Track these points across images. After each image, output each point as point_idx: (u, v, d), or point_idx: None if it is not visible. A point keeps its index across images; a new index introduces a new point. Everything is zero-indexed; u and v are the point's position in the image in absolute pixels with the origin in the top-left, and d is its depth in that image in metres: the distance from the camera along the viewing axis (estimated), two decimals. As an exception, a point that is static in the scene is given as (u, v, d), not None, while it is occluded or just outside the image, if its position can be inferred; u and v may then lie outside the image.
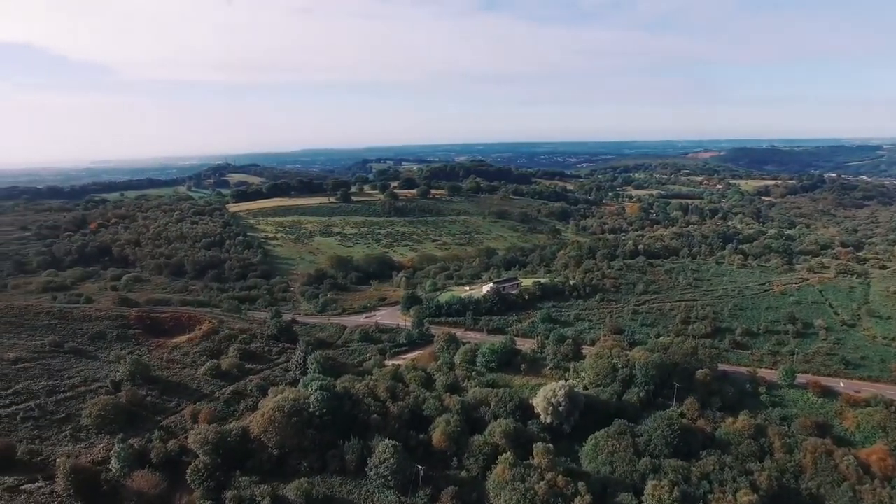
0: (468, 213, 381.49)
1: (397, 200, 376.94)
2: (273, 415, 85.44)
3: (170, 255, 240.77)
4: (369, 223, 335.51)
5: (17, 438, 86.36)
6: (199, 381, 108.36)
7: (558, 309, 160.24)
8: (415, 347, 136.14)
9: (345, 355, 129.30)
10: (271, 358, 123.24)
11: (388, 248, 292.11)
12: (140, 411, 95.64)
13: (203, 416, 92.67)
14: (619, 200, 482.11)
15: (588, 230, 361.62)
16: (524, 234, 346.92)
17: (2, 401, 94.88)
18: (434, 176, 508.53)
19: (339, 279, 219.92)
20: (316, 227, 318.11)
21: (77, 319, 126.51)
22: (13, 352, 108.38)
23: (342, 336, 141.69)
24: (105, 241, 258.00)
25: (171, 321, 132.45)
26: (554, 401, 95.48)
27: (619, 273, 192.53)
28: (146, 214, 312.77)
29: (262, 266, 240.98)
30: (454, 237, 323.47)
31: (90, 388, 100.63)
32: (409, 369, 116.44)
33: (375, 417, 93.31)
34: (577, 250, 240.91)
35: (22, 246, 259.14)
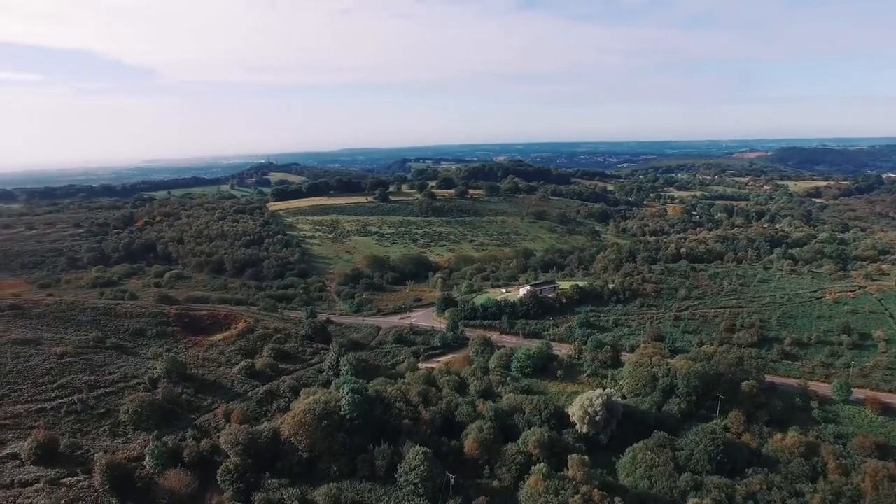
0: (506, 213, 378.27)
1: (435, 200, 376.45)
2: (304, 417, 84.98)
3: (210, 253, 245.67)
4: (406, 223, 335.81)
5: (59, 431, 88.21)
6: (234, 380, 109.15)
7: (597, 314, 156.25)
8: (449, 351, 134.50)
9: (378, 357, 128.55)
10: (305, 358, 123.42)
11: (424, 248, 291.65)
12: (175, 409, 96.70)
13: (235, 416, 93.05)
14: (660, 202, 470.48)
15: (628, 232, 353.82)
16: (562, 235, 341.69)
17: (48, 394, 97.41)
18: (472, 176, 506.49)
19: (375, 279, 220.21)
20: (353, 227, 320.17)
21: (119, 316, 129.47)
22: (60, 346, 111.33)
23: (376, 337, 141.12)
24: (150, 239, 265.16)
25: (209, 319, 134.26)
26: (591, 410, 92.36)
27: (660, 277, 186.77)
28: (189, 212, 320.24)
29: (300, 265, 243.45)
30: (491, 238, 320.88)
31: (129, 384, 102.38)
32: (443, 373, 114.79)
33: (407, 422, 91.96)
34: (616, 253, 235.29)
35: (75, 242, 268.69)
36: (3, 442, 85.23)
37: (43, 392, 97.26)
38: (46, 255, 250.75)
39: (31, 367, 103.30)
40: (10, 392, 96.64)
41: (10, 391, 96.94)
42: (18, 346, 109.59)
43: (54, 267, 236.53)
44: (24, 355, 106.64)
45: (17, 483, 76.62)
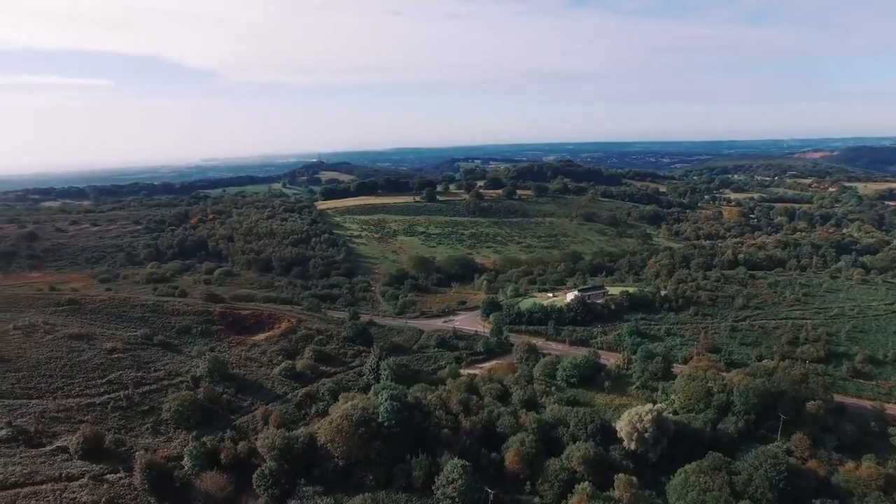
0: (554, 214, 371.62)
1: (482, 200, 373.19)
2: (341, 423, 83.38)
3: (259, 251, 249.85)
4: (453, 223, 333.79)
5: (105, 427, 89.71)
6: (274, 381, 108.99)
7: (647, 322, 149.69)
8: (492, 356, 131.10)
9: (419, 361, 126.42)
10: (346, 361, 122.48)
11: (471, 249, 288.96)
12: (216, 409, 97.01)
13: (273, 419, 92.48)
14: (715, 204, 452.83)
15: (681, 236, 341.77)
16: (612, 238, 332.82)
17: (97, 388, 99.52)
18: (521, 176, 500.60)
19: (420, 280, 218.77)
20: (400, 226, 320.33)
21: (167, 313, 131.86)
22: (111, 342, 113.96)
23: (418, 341, 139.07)
24: (202, 236, 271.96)
25: (252, 318, 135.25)
26: (640, 426, 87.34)
27: (715, 285, 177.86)
28: (240, 211, 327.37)
29: (346, 264, 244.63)
30: (539, 240, 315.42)
31: (173, 381, 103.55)
32: (485, 381, 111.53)
33: (446, 432, 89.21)
34: (669, 258, 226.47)
35: (133, 238, 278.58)
36: (56, 434, 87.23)
37: (92, 387, 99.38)
38: (108, 250, 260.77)
39: (83, 361, 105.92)
40: (63, 385, 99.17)
41: (64, 384, 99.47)
42: (73, 341, 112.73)
43: (114, 262, 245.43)
44: (77, 349, 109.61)
45: (64, 476, 77.96)
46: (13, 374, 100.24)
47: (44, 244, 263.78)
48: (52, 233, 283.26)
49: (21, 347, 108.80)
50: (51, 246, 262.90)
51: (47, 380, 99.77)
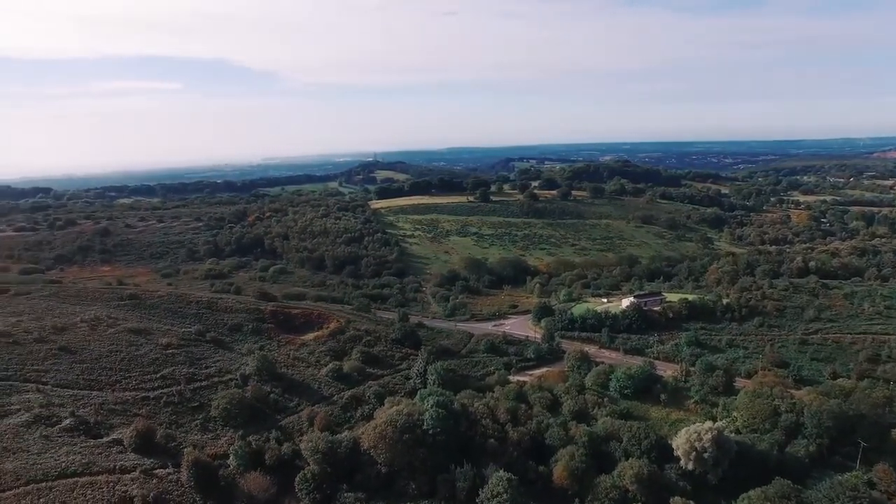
0: (610, 216, 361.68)
1: (537, 201, 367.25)
2: (385, 429, 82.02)
3: (312, 249, 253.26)
4: (506, 224, 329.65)
5: (157, 421, 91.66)
6: (321, 382, 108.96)
7: (707, 332, 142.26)
8: (543, 363, 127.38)
9: (468, 366, 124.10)
10: (393, 363, 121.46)
11: (524, 250, 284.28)
12: (262, 408, 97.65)
13: (318, 421, 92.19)
14: (783, 207, 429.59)
15: (745, 240, 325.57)
16: (671, 241, 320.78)
17: (152, 383, 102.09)
18: (576, 176, 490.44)
19: (472, 282, 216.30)
20: (453, 227, 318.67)
21: (220, 310, 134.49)
22: (166, 337, 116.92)
23: (467, 345, 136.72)
24: (259, 234, 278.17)
25: (302, 318, 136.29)
26: (698, 444, 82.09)
27: (783, 294, 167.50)
28: (296, 209, 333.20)
29: (397, 264, 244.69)
30: (594, 242, 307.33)
31: (223, 379, 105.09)
32: (535, 389, 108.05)
33: (492, 442, 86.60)
34: (732, 264, 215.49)
35: (195, 235, 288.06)
36: (112, 426, 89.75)
37: (148, 381, 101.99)
38: (171, 246, 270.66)
39: (140, 355, 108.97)
40: (121, 378, 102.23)
41: (122, 377, 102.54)
42: (132, 335, 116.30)
43: (176, 258, 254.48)
44: (135, 344, 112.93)
45: (118, 469, 79.73)
46: (78, 366, 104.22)
47: (115, 239, 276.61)
48: (122, 229, 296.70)
49: (86, 340, 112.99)
50: (121, 241, 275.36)
51: (107, 372, 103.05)
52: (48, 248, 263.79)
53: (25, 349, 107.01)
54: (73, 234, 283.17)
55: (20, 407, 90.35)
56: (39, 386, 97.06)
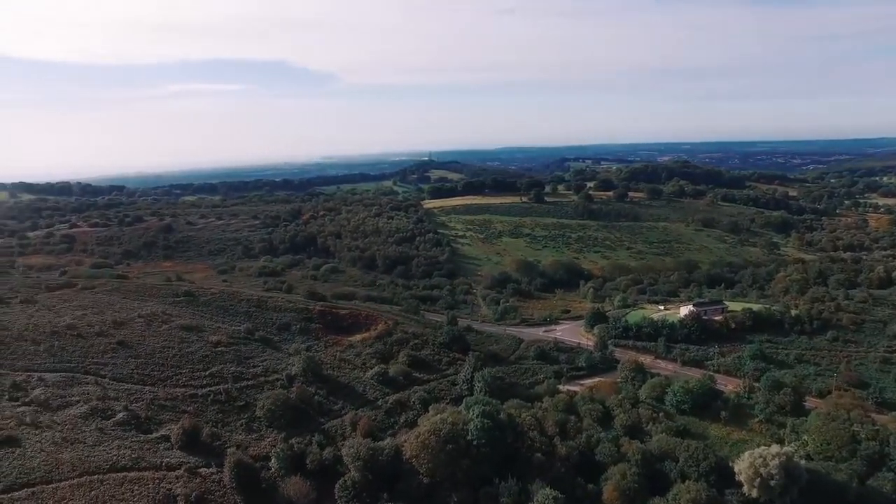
0: (668, 219, 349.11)
1: (592, 202, 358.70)
2: (427, 438, 79.85)
3: (364, 249, 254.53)
4: (560, 225, 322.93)
5: (204, 420, 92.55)
6: (366, 385, 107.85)
7: (774, 345, 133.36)
8: (594, 373, 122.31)
9: (516, 374, 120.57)
10: (440, 368, 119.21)
11: (577, 253, 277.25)
12: (307, 410, 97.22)
13: (361, 426, 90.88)
14: (859, 210, 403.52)
15: (815, 246, 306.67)
16: (733, 246, 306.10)
17: (200, 381, 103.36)
18: (633, 177, 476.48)
19: (523, 285, 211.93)
20: (505, 228, 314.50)
21: (270, 309, 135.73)
22: (216, 335, 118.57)
23: (517, 351, 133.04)
24: (312, 232, 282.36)
25: (350, 318, 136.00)
26: (764, 470, 76.04)
27: (861, 306, 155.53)
28: (350, 208, 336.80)
29: (448, 265, 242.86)
30: (651, 246, 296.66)
31: (269, 378, 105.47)
32: (585, 400, 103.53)
33: (539, 456, 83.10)
34: (801, 272, 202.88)
35: (251, 233, 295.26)
36: (161, 422, 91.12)
37: (197, 378, 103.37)
38: (228, 243, 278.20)
39: (191, 352, 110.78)
40: (172, 375, 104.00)
41: (173, 374, 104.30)
42: (184, 332, 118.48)
43: (232, 254, 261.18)
44: (187, 340, 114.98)
45: (164, 466, 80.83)
46: (133, 360, 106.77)
47: (176, 236, 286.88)
48: (184, 226, 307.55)
49: (142, 335, 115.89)
50: (182, 238, 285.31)
51: (160, 368, 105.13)
52: (117, 243, 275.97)
53: (87, 342, 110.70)
54: (140, 230, 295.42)
55: (80, 398, 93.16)
56: (98, 379, 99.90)
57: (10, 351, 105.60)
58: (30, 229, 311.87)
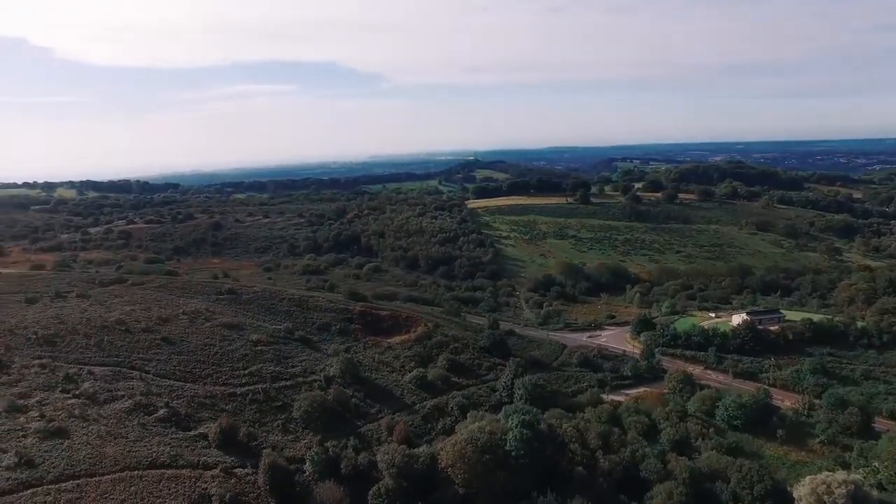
0: (720, 221, 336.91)
1: (639, 204, 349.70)
2: (464, 447, 77.41)
3: (407, 248, 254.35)
4: (607, 227, 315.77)
5: (242, 419, 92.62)
6: (403, 388, 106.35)
7: (837, 359, 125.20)
8: (640, 383, 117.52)
9: (558, 381, 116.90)
10: (479, 373, 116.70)
11: (624, 256, 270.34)
12: (343, 412, 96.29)
13: (398, 431, 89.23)
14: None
15: (883, 252, 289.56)
16: (790, 251, 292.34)
17: (240, 379, 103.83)
18: (683, 178, 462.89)
19: (567, 288, 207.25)
20: (550, 229, 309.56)
21: (310, 309, 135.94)
22: (256, 334, 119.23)
23: (559, 357, 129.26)
24: (356, 231, 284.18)
25: (390, 319, 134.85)
26: (828, 499, 70.27)
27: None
28: (394, 207, 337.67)
29: (491, 266, 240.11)
30: (701, 249, 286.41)
31: (307, 379, 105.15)
32: (630, 411, 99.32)
33: (580, 470, 79.67)
34: (868, 280, 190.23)
35: (296, 231, 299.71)
36: (200, 420, 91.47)
37: (236, 377, 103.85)
38: (274, 241, 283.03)
39: (231, 350, 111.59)
40: (212, 372, 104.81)
41: (213, 371, 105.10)
42: (226, 330, 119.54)
43: (278, 252, 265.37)
44: (228, 339, 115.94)
45: (201, 464, 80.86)
46: (176, 357, 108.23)
47: (225, 233, 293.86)
48: (232, 223, 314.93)
49: (185, 332, 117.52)
50: (230, 235, 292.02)
51: (201, 365, 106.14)
52: (169, 239, 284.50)
53: (134, 338, 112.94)
54: (191, 227, 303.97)
55: (125, 393, 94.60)
56: (142, 374, 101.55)
57: (65, 343, 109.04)
58: (91, 225, 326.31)
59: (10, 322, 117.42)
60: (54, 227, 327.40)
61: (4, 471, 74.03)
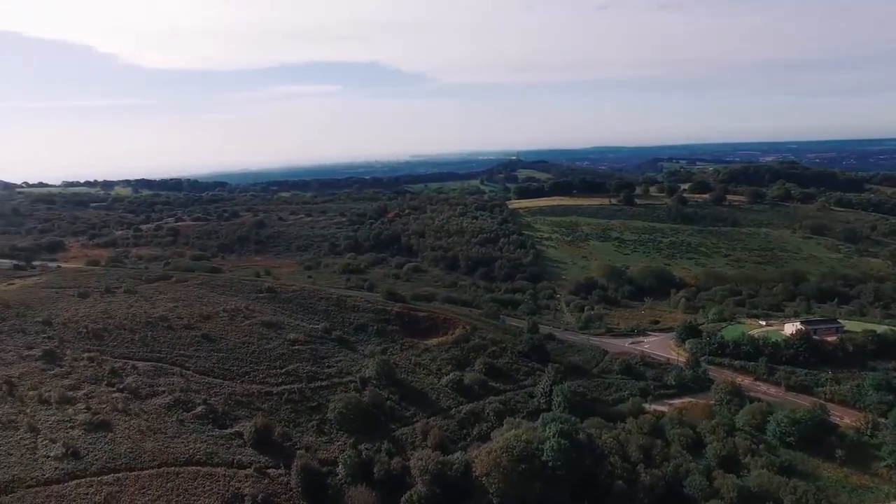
0: (772, 224, 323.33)
1: (686, 206, 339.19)
2: (499, 456, 75.39)
3: (447, 249, 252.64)
4: (651, 229, 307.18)
5: (277, 419, 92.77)
6: (439, 392, 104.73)
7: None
8: (685, 393, 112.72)
9: (598, 389, 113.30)
10: (517, 378, 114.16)
11: (668, 259, 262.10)
12: (378, 415, 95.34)
13: (432, 436, 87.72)
14: None
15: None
16: (849, 256, 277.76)
17: (276, 378, 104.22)
18: (732, 179, 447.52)
19: (610, 292, 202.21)
20: (593, 230, 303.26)
21: (348, 309, 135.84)
22: (294, 333, 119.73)
23: (600, 363, 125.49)
24: (396, 231, 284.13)
25: (428, 321, 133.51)
26: (889, 526, 65.55)
27: None
28: (434, 207, 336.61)
29: (532, 268, 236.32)
30: (751, 253, 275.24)
31: (342, 380, 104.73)
32: (674, 423, 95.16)
33: (620, 484, 76.52)
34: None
35: (338, 230, 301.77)
36: (237, 419, 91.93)
37: (273, 376, 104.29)
38: (315, 239, 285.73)
39: (269, 349, 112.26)
40: (250, 371, 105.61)
41: (251, 370, 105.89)
42: (265, 328, 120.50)
43: (319, 251, 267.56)
44: (266, 337, 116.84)
45: (235, 463, 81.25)
46: (215, 355, 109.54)
47: (268, 231, 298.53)
48: (275, 221, 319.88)
49: (225, 330, 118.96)
50: (273, 233, 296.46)
51: (239, 363, 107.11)
52: (214, 237, 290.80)
53: (176, 334, 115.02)
54: (235, 225, 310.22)
55: (165, 389, 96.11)
56: (182, 370, 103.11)
57: (112, 338, 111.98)
58: (143, 222, 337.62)
59: (65, 315, 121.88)
60: (109, 223, 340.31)
61: (53, 461, 76.73)
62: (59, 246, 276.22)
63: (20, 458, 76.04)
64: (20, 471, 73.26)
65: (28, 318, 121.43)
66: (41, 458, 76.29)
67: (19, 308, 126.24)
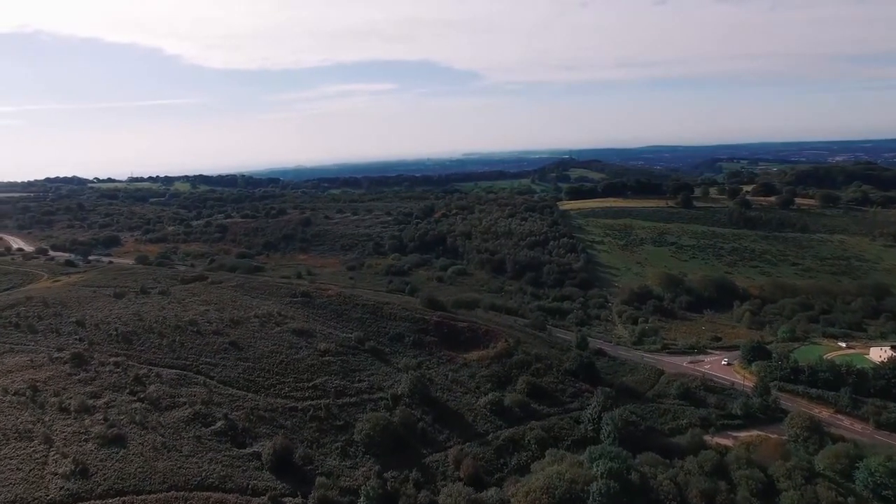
0: (846, 231, 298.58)
1: (749, 209, 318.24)
2: (539, 497, 66.65)
3: (494, 251, 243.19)
4: (711, 234, 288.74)
5: (299, 438, 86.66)
6: (476, 414, 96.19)
7: None
8: (753, 424, 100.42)
9: (653, 415, 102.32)
10: (563, 400, 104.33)
11: (731, 267, 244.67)
12: (409, 438, 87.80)
13: (465, 466, 79.39)
14: None
15: None
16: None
17: (302, 392, 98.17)
18: (800, 180, 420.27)
19: (666, 302, 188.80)
20: (648, 234, 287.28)
21: (384, 317, 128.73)
22: (325, 342, 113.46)
23: (655, 386, 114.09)
24: (442, 231, 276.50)
25: (468, 332, 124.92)
26: None
27: None
28: (483, 207, 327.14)
29: (582, 273, 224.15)
30: (823, 262, 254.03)
31: (373, 396, 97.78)
32: (741, 463, 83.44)
33: (679, 539, 66.18)
34: None
35: (383, 229, 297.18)
36: (257, 436, 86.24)
37: (300, 389, 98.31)
38: (360, 238, 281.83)
39: (298, 360, 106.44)
40: (276, 383, 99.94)
41: (277, 382, 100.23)
42: (295, 336, 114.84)
43: (363, 250, 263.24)
44: (296, 346, 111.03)
45: (250, 489, 75.33)
46: (242, 364, 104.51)
47: (314, 229, 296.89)
48: (321, 220, 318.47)
49: (254, 336, 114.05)
50: (318, 231, 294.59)
51: (265, 374, 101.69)
52: (261, 234, 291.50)
53: (204, 340, 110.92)
54: (282, 223, 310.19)
55: (186, 401, 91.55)
56: (206, 380, 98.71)
57: (140, 342, 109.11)
58: (194, 218, 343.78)
59: (98, 316, 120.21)
60: (164, 219, 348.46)
61: (60, 479, 72.43)
62: (115, 241, 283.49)
63: (27, 473, 72.19)
64: (24, 489, 69.27)
65: (63, 317, 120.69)
66: (48, 476, 72.16)
67: (57, 307, 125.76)
